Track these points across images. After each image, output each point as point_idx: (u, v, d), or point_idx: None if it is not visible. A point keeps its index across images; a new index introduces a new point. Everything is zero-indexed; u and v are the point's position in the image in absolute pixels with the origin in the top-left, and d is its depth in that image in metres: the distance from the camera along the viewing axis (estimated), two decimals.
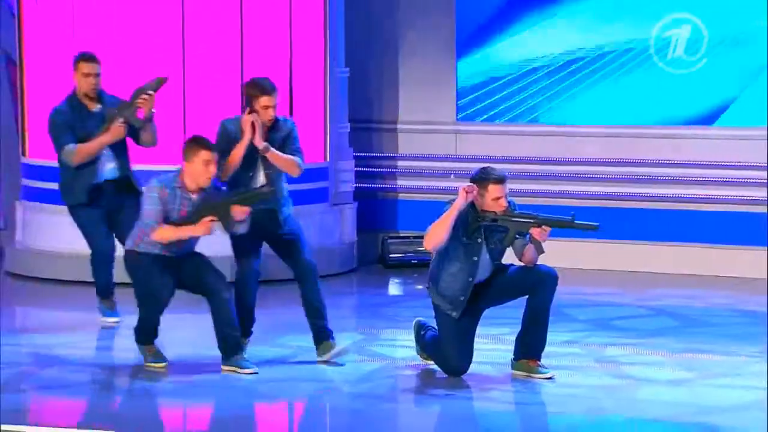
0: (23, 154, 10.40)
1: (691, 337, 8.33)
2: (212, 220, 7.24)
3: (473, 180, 7.12)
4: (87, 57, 8.44)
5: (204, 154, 7.25)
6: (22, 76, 10.38)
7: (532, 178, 10.83)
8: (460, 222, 7.06)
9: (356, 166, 11.02)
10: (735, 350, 7.93)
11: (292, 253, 7.64)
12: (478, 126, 11.08)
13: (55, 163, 8.50)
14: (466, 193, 6.99)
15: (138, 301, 7.40)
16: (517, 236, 7.13)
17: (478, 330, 7.28)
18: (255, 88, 7.51)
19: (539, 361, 7.22)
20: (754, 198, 10.31)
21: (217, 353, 7.38)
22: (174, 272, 7.33)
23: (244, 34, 10.11)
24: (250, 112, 7.48)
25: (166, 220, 7.27)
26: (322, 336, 7.58)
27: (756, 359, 7.72)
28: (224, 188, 7.48)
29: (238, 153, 7.46)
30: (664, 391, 7.04)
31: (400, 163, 11.35)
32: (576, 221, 7.14)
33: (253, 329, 7.72)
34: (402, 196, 11.31)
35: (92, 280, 8.57)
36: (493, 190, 7.08)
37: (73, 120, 8.27)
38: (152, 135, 8.34)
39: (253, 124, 7.44)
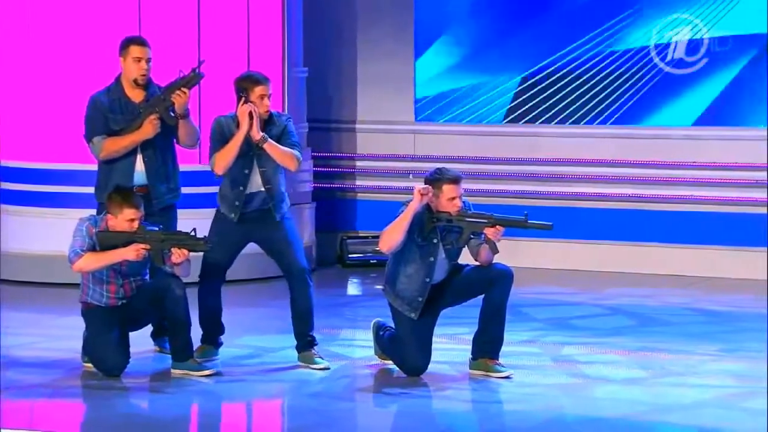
0: None
1: (647, 335, 8.38)
2: (144, 248, 7.07)
3: (428, 180, 7.14)
4: (139, 40, 7.72)
5: (129, 213, 7.11)
6: None
7: (491, 177, 10.87)
8: (416, 223, 7.07)
9: (315, 166, 11.02)
10: (691, 349, 7.98)
11: (285, 256, 7.53)
12: (436, 126, 11.11)
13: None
14: (421, 194, 7.00)
15: (90, 358, 7.35)
16: (472, 236, 7.14)
17: (436, 330, 7.30)
18: (248, 80, 7.40)
19: (497, 359, 7.24)
20: (711, 198, 10.39)
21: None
22: (124, 329, 7.23)
23: (201, 33, 10.09)
24: (244, 103, 7.33)
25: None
26: (303, 345, 7.52)
27: (712, 357, 7.78)
28: (159, 228, 7.28)
29: (234, 145, 7.28)
30: (621, 389, 7.08)
31: (358, 163, 11.37)
32: (529, 221, 7.17)
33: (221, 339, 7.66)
34: (360, 195, 11.33)
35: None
36: (447, 190, 7.09)
37: (111, 111, 7.62)
38: (190, 134, 7.68)
39: (250, 114, 7.28)
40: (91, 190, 7.79)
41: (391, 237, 7.03)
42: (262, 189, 7.45)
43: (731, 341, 8.22)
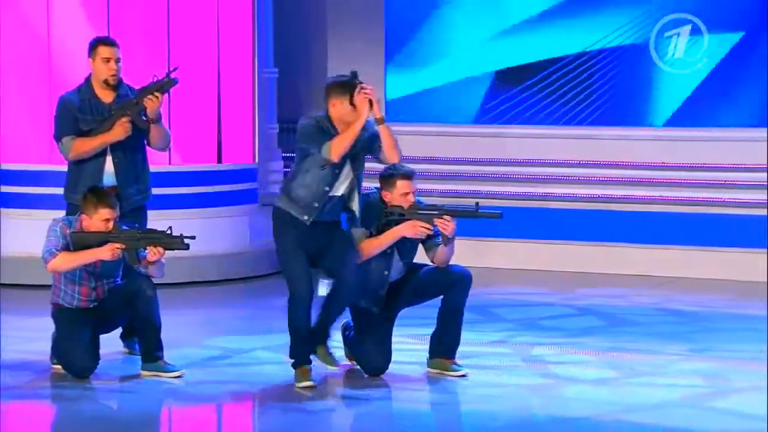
0: None
1: (616, 336, 8.40)
2: (119, 247, 7.04)
3: (382, 176, 7.20)
4: (107, 41, 7.70)
5: (104, 213, 7.07)
6: None
7: (461, 178, 10.89)
8: (373, 218, 7.13)
9: (285, 167, 11.00)
10: (660, 349, 8.01)
11: (338, 266, 7.12)
12: (407, 127, 11.10)
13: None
14: (414, 228, 7.08)
15: (59, 360, 7.30)
16: (428, 239, 7.17)
17: (396, 330, 7.32)
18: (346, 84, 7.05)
19: (453, 359, 7.28)
20: (680, 198, 10.44)
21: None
22: (95, 331, 7.18)
23: (171, 33, 10.07)
24: (359, 92, 6.90)
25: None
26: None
27: (681, 357, 7.81)
28: (135, 226, 7.27)
29: (353, 133, 6.87)
30: (590, 389, 7.10)
31: None
32: (480, 210, 7.22)
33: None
34: None
35: None
36: (401, 185, 7.15)
37: (81, 111, 7.59)
38: (161, 137, 7.64)
39: (370, 101, 6.89)
40: None
41: (370, 253, 7.10)
42: (340, 194, 7.05)
43: (700, 341, 8.25)
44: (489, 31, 10.87)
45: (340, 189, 7.02)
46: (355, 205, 7.09)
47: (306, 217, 6.99)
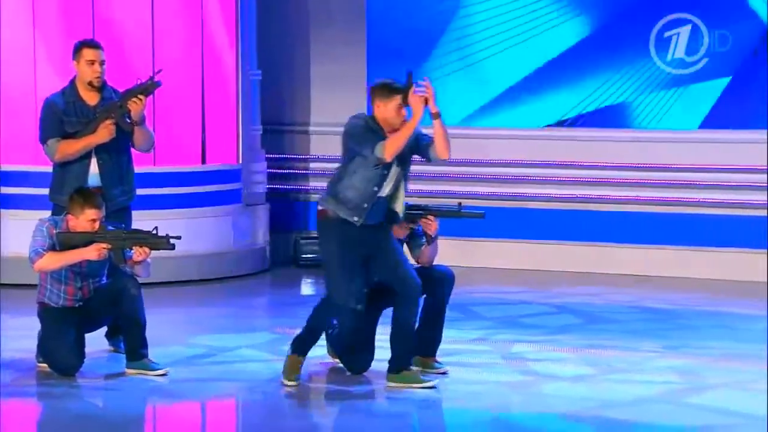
0: None
1: (593, 333, 8.44)
2: (105, 247, 7.04)
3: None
4: (91, 43, 7.73)
5: (90, 213, 7.09)
6: None
7: (441, 178, 10.92)
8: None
9: (268, 167, 11.03)
10: (636, 346, 8.05)
11: (400, 270, 6.98)
12: None
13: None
14: (400, 229, 7.07)
15: (45, 359, 7.29)
16: (410, 239, 7.18)
17: (380, 328, 7.34)
18: (391, 86, 6.98)
19: (434, 357, 7.31)
20: (656, 198, 10.49)
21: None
22: (80, 330, 7.19)
23: (155, 36, 10.07)
24: (404, 99, 6.82)
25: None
26: (402, 365, 7.03)
27: (656, 354, 7.86)
28: (121, 227, 7.29)
29: (407, 132, 6.77)
30: (568, 386, 7.14)
31: (312, 164, 11.39)
32: (462, 210, 7.24)
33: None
34: (314, 197, 11.32)
35: None
36: None
37: (66, 114, 7.61)
38: (145, 139, 7.68)
39: (425, 99, 6.78)
40: None
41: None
42: (385, 196, 6.94)
43: (674, 338, 8.29)
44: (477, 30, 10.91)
45: (386, 189, 6.93)
46: (400, 206, 6.99)
47: (356, 219, 6.89)
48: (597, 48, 10.56)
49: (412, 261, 7.33)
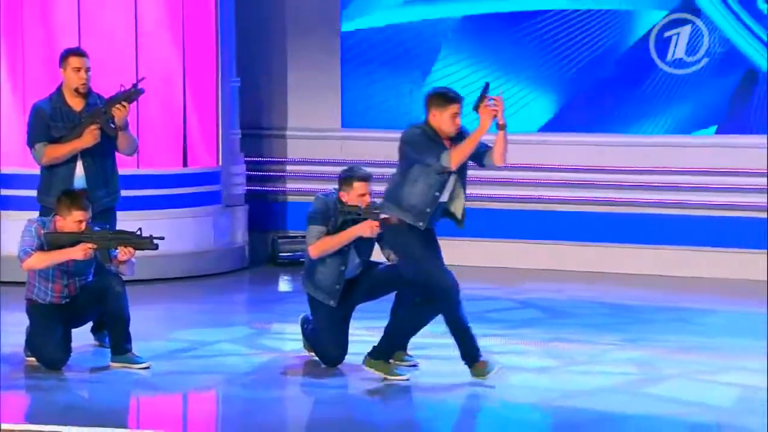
0: None
1: (556, 327, 8.48)
2: (91, 247, 7.06)
3: (340, 178, 7.27)
4: (77, 51, 7.78)
5: (77, 215, 7.10)
6: None
7: None
8: (332, 215, 7.20)
9: (247, 170, 11.04)
10: (596, 339, 8.08)
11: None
12: (361, 132, 11.18)
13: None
14: (371, 228, 7.13)
15: (32, 353, 7.30)
16: (381, 238, 7.22)
17: (353, 323, 7.39)
18: (447, 95, 6.93)
19: (405, 350, 7.35)
20: (615, 199, 10.55)
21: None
22: (67, 326, 7.20)
23: (138, 45, 10.08)
24: (478, 106, 6.78)
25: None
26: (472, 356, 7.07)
27: (615, 347, 7.89)
28: (107, 227, 7.31)
29: (473, 142, 6.78)
30: (533, 377, 7.17)
31: (288, 167, 11.41)
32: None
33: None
34: (291, 198, 11.37)
35: None
36: (358, 187, 7.23)
37: (53, 119, 7.63)
38: (129, 143, 7.71)
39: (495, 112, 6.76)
40: None
41: (326, 250, 7.14)
42: (444, 200, 6.96)
43: (632, 332, 8.34)
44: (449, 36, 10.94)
45: (446, 194, 6.96)
46: (459, 210, 7.00)
47: (421, 224, 6.91)
48: None
49: (382, 258, 7.40)
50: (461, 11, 10.88)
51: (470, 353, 7.04)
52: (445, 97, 6.90)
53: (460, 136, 6.93)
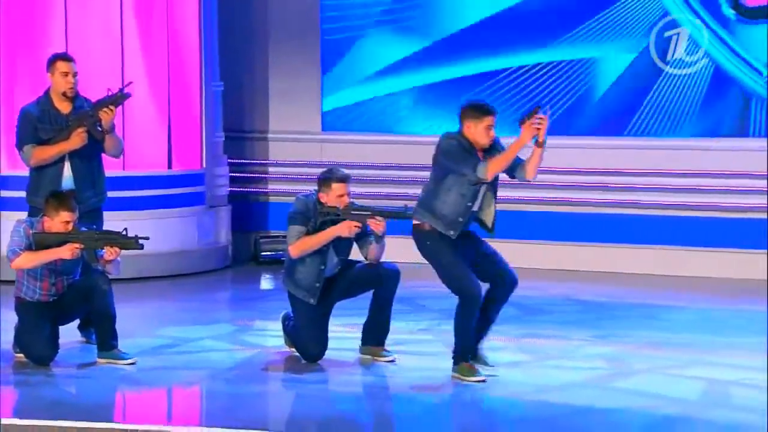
0: None
1: (529, 323, 8.49)
2: (78, 246, 7.06)
3: (319, 179, 7.29)
4: (65, 56, 7.81)
5: (64, 216, 7.10)
6: None
7: (391, 182, 10.98)
8: (311, 215, 7.22)
9: (230, 171, 11.05)
10: (568, 335, 8.11)
11: (498, 265, 7.08)
12: (340, 135, 11.20)
13: (26, 173, 7.91)
14: (349, 228, 7.15)
15: (21, 349, 7.30)
16: (360, 237, 7.26)
17: (332, 320, 7.41)
18: (482, 108, 6.92)
19: (383, 346, 7.39)
20: (584, 200, 10.59)
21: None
22: (54, 323, 7.19)
23: (124, 51, 10.07)
24: (524, 122, 6.79)
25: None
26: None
27: (586, 342, 7.92)
28: (94, 228, 7.30)
29: (509, 156, 6.80)
30: (506, 372, 7.18)
31: (270, 169, 11.42)
32: (408, 212, 7.32)
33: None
34: (272, 198, 11.39)
35: None
36: (336, 188, 7.24)
37: (41, 122, 7.65)
38: (115, 146, 7.74)
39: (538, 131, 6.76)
40: None
41: (306, 249, 7.16)
42: (476, 210, 6.98)
43: (602, 328, 8.36)
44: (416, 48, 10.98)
45: (477, 204, 6.96)
46: (489, 218, 6.99)
47: (452, 232, 6.90)
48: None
49: (360, 258, 7.42)
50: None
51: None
52: (480, 110, 6.89)
53: (493, 147, 6.91)
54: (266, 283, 10.49)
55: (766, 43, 10.04)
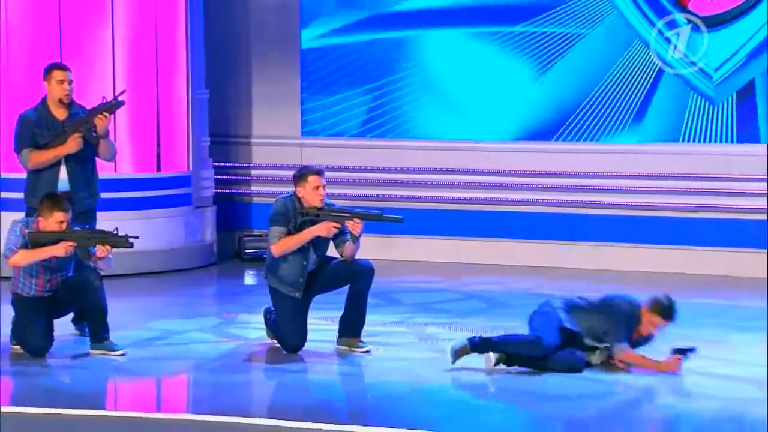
0: None
1: (496, 316, 8.51)
2: (71, 245, 7.04)
3: (295, 176, 7.29)
4: (60, 66, 7.85)
5: (58, 216, 7.08)
6: None
7: (367, 184, 10.99)
8: (291, 216, 7.22)
9: (215, 174, 11.04)
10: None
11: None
12: (319, 140, 11.20)
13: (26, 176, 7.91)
14: (327, 229, 7.17)
15: (18, 342, 7.28)
16: (336, 237, 7.28)
17: (311, 313, 7.41)
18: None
19: (359, 337, 7.41)
20: (549, 200, 10.62)
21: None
22: (49, 317, 7.17)
23: (114, 60, 10.05)
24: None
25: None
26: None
27: None
28: (86, 227, 7.28)
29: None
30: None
31: (253, 171, 11.41)
32: (384, 215, 7.35)
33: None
34: (255, 199, 11.38)
35: None
36: (312, 180, 7.24)
37: (38, 127, 7.63)
38: (109, 150, 7.77)
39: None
40: None
41: (288, 249, 7.17)
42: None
43: None
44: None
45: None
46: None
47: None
48: None
49: (337, 255, 7.42)
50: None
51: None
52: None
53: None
54: (249, 278, 10.49)
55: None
